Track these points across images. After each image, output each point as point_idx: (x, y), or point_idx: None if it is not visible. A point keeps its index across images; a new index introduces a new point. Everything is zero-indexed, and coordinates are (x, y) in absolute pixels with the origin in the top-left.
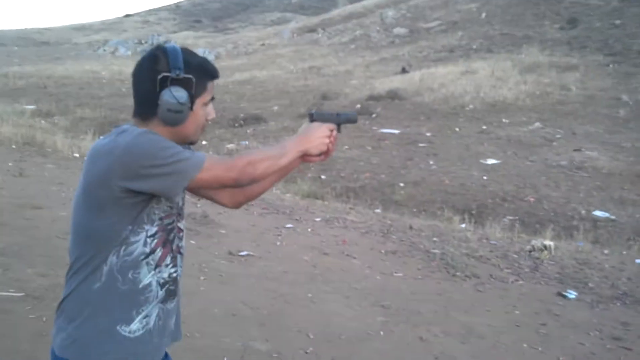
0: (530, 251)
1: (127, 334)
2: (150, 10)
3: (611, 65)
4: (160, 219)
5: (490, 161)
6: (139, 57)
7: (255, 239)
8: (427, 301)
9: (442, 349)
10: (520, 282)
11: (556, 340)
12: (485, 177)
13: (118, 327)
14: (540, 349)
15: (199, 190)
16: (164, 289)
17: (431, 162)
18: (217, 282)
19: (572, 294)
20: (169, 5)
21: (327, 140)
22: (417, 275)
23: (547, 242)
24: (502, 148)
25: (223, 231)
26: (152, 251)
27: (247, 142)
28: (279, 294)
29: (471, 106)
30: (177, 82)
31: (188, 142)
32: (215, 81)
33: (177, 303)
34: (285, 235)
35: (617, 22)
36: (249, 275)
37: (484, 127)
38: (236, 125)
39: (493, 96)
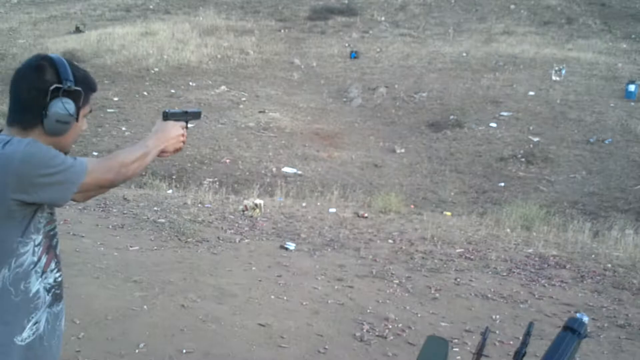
0: (243, 211)
1: (19, 343)
2: None
3: (282, 31)
4: (44, 226)
5: None
6: None
7: None
8: (172, 270)
9: (205, 311)
10: (246, 240)
11: (295, 288)
12: None
13: (14, 338)
14: (285, 297)
15: None
16: (50, 294)
17: (124, 128)
18: None
19: (291, 246)
20: None
21: (182, 138)
22: (152, 247)
23: (257, 201)
24: None
25: None
26: (39, 259)
27: None
28: None
29: (156, 69)
30: (67, 93)
31: (63, 152)
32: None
33: (63, 305)
34: None
35: None
36: None
37: (173, 90)
38: None
39: (177, 59)
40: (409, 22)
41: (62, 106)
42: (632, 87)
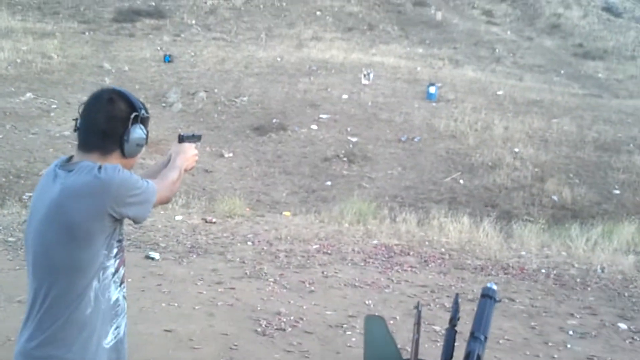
0: None
1: (105, 345)
2: None
3: (87, 33)
4: (119, 240)
5: None
6: None
7: None
8: None
9: None
10: None
11: (180, 294)
12: None
13: (102, 342)
14: (176, 304)
15: None
16: (125, 302)
17: None
18: None
19: (156, 255)
20: None
21: (196, 157)
22: (15, 267)
23: None
24: None
25: None
26: (116, 270)
27: None
28: None
29: None
30: (142, 120)
31: None
32: None
33: None
34: None
35: None
36: None
37: None
38: None
39: None
40: (220, 26)
41: (140, 131)
42: (432, 89)
